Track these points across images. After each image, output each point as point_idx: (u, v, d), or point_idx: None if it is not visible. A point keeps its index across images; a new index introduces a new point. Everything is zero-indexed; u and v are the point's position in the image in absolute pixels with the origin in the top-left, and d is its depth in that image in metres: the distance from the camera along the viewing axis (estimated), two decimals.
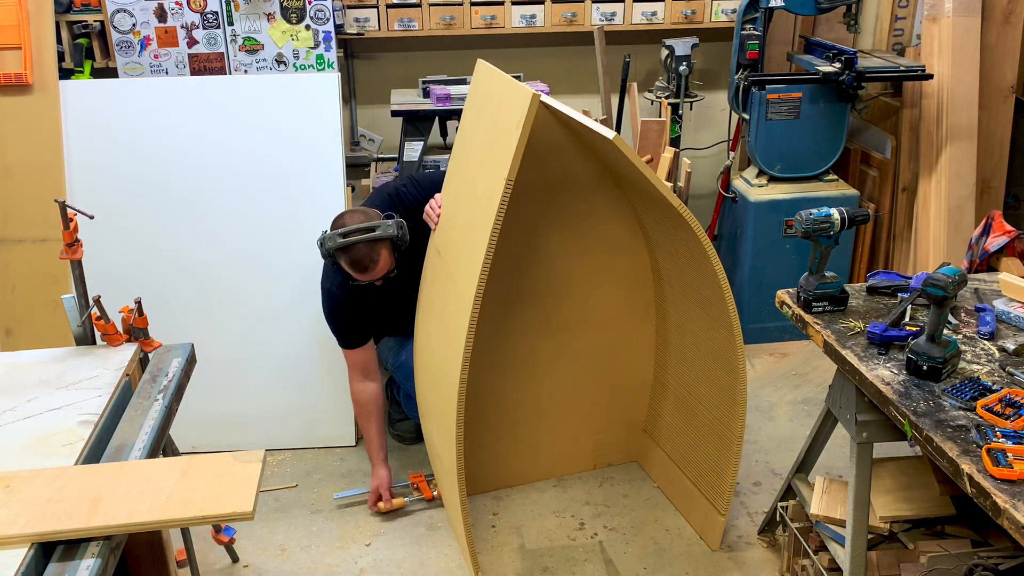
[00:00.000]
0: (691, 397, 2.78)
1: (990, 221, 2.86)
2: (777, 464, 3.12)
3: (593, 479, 3.08)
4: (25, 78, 3.17)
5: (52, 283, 3.22)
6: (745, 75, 3.74)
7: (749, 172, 3.93)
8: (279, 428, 3.25)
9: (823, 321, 2.17)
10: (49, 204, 2.35)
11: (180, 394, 2.02)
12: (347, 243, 2.62)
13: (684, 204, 2.32)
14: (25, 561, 1.43)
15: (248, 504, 1.57)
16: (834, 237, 2.19)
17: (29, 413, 1.86)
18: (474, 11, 3.83)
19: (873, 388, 1.91)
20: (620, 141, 2.13)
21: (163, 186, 3.16)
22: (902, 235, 3.98)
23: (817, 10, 3.74)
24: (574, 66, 4.16)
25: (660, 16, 3.95)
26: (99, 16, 3.46)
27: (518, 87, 2.23)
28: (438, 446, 2.68)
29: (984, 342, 2.08)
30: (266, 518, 2.90)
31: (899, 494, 2.24)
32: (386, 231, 2.63)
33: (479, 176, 2.38)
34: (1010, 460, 1.58)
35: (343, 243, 2.62)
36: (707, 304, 2.53)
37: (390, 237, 2.64)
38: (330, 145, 3.19)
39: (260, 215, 3.16)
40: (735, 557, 2.69)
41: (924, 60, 3.81)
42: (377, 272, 2.69)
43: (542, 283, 2.81)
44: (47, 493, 1.57)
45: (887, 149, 3.95)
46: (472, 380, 2.74)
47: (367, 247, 2.63)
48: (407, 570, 2.67)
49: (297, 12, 3.45)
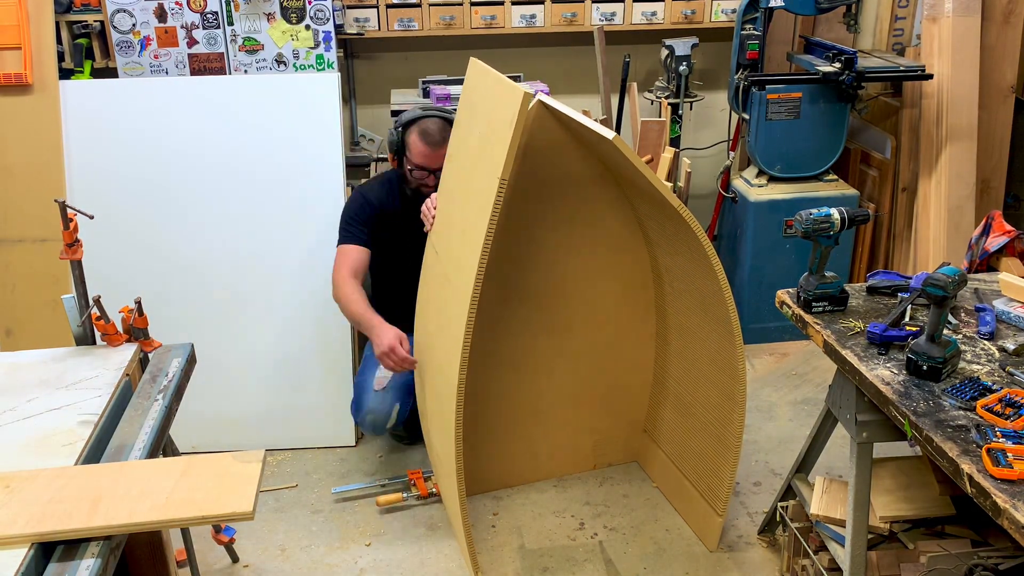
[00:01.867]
0: (691, 397, 2.78)
1: (990, 221, 2.85)
2: (777, 464, 3.12)
3: (593, 479, 3.08)
4: (25, 78, 3.18)
5: (52, 283, 3.22)
6: (745, 75, 3.74)
7: (749, 172, 3.93)
8: (279, 428, 3.25)
9: (823, 321, 2.17)
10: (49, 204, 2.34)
11: (180, 394, 2.02)
12: (425, 114, 2.88)
13: (684, 204, 2.32)
14: (25, 561, 1.43)
15: (248, 504, 1.57)
16: (834, 237, 2.19)
17: (29, 413, 1.86)
18: (474, 11, 3.83)
19: (873, 388, 1.91)
20: (620, 141, 2.13)
21: (163, 186, 3.16)
22: (902, 235, 3.99)
23: (817, 10, 3.73)
24: (574, 66, 4.16)
25: (660, 16, 3.95)
26: (99, 16, 3.46)
27: (510, 86, 2.21)
28: (438, 446, 2.68)
29: (984, 342, 2.08)
30: (266, 518, 2.90)
31: (899, 494, 2.24)
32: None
33: (474, 176, 2.37)
34: (1010, 460, 1.58)
35: (422, 113, 2.88)
36: (707, 304, 2.53)
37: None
38: (330, 145, 3.19)
39: (260, 215, 3.16)
40: (735, 557, 2.69)
41: (924, 60, 3.81)
42: (439, 156, 2.80)
43: (542, 283, 2.81)
44: (47, 493, 1.57)
45: (887, 149, 3.95)
46: (472, 380, 2.75)
47: (443, 122, 2.86)
48: (407, 570, 2.67)
49: (297, 12, 3.45)
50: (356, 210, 2.95)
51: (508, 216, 2.67)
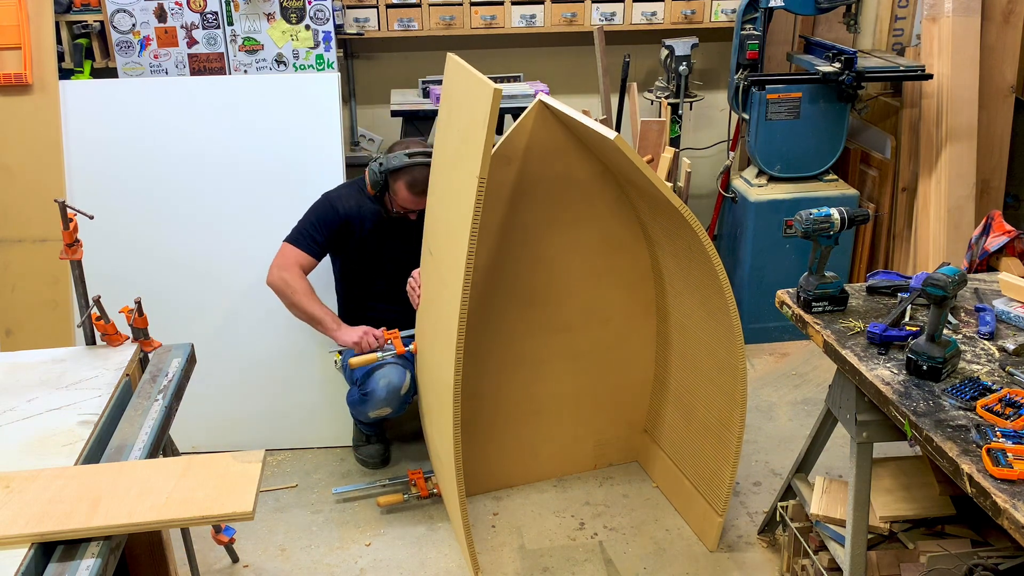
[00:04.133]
0: (691, 397, 2.78)
1: (990, 221, 2.85)
2: (777, 464, 3.12)
3: (593, 479, 3.08)
4: (25, 78, 3.18)
5: (52, 283, 3.22)
6: (745, 75, 3.74)
7: (749, 172, 3.93)
8: (279, 428, 3.24)
9: (823, 321, 2.17)
10: (49, 204, 2.35)
11: (180, 394, 2.02)
12: (413, 163, 2.74)
13: (684, 204, 2.31)
14: (25, 561, 1.43)
15: (248, 504, 1.57)
16: (834, 237, 2.19)
17: (29, 413, 1.86)
18: (474, 11, 3.83)
19: (873, 388, 1.91)
20: (621, 141, 2.12)
21: (163, 186, 3.16)
22: (902, 235, 3.99)
23: (817, 10, 3.74)
24: (574, 66, 4.16)
25: (660, 16, 3.95)
26: (99, 16, 3.46)
27: (481, 81, 2.16)
28: (438, 446, 2.68)
29: (984, 342, 2.08)
30: (266, 518, 2.90)
31: (899, 494, 2.24)
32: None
33: (456, 175, 2.36)
34: (1010, 460, 1.58)
35: (409, 162, 2.74)
36: (707, 304, 2.52)
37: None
38: (330, 145, 3.19)
39: (260, 215, 3.16)
40: (735, 557, 2.69)
41: (924, 60, 3.81)
42: (423, 201, 2.75)
43: (542, 283, 2.81)
44: (47, 493, 1.57)
45: (887, 149, 3.95)
46: (472, 380, 2.75)
47: (428, 170, 2.73)
48: (407, 570, 2.67)
49: (297, 12, 3.45)
50: (318, 218, 2.91)
51: (508, 216, 2.67)
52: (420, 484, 2.93)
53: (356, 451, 3.18)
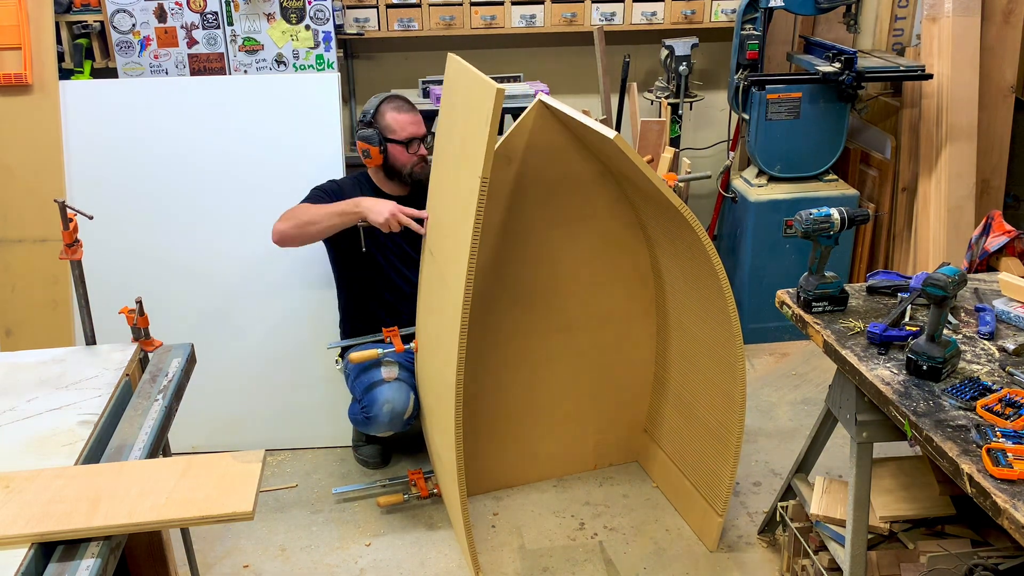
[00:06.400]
0: (691, 397, 2.78)
1: (990, 221, 2.86)
2: (777, 464, 3.12)
3: (593, 479, 3.08)
4: (25, 78, 3.18)
5: (52, 283, 3.22)
6: (745, 75, 3.74)
7: (749, 172, 3.93)
8: (279, 428, 3.24)
9: (823, 321, 2.17)
10: (49, 204, 2.35)
11: (180, 394, 2.02)
12: (385, 95, 2.94)
13: (684, 204, 2.31)
14: (25, 561, 1.43)
15: (248, 504, 1.57)
16: (834, 237, 2.19)
17: (29, 413, 1.86)
18: (474, 11, 3.83)
19: (873, 388, 1.91)
20: (621, 141, 2.12)
21: (163, 186, 3.16)
22: (902, 235, 3.99)
23: (817, 10, 3.74)
24: (574, 66, 4.16)
25: (660, 16, 3.95)
26: (99, 16, 3.46)
27: (483, 81, 2.16)
28: (438, 446, 2.68)
29: (984, 342, 2.08)
30: (266, 518, 2.90)
31: (899, 494, 2.24)
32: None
33: (458, 176, 2.36)
34: (1010, 460, 1.58)
35: (383, 96, 2.93)
36: (707, 304, 2.52)
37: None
38: (330, 145, 3.19)
39: (260, 215, 3.16)
40: (735, 557, 2.69)
41: (924, 60, 3.81)
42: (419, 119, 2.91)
43: (543, 283, 2.81)
44: (47, 493, 1.57)
45: (887, 149, 3.95)
46: (473, 380, 2.75)
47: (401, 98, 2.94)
48: (407, 570, 2.67)
49: (297, 12, 3.45)
50: (328, 187, 2.96)
51: (508, 216, 2.67)
52: (420, 484, 2.93)
53: (356, 451, 3.18)
